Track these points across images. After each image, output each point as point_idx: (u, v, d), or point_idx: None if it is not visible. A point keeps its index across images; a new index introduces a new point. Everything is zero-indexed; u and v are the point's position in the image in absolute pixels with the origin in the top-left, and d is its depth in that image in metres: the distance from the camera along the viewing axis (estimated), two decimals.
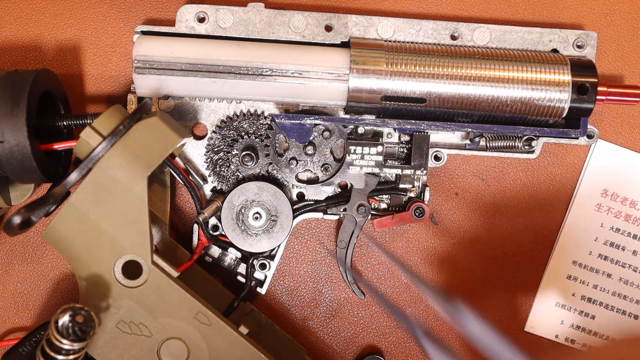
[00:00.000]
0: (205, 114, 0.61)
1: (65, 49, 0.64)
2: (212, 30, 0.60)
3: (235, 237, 0.60)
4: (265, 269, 0.62)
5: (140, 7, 0.64)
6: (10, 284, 0.64)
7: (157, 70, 0.57)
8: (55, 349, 0.47)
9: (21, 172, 0.52)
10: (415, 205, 0.61)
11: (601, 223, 0.66)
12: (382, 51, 0.58)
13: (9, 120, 0.50)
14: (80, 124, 0.56)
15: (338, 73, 0.57)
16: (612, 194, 0.66)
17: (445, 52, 0.58)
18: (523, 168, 0.66)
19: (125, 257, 0.51)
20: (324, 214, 0.62)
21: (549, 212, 0.66)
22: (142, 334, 0.52)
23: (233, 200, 0.59)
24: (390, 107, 0.58)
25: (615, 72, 0.66)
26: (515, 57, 0.59)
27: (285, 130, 0.59)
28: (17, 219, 0.47)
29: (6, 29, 0.63)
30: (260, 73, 0.57)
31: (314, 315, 0.66)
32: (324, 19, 0.61)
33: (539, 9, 0.65)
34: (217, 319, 0.53)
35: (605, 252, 0.66)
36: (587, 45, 0.62)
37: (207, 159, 0.61)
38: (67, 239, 0.51)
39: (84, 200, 0.50)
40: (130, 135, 0.50)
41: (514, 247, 0.66)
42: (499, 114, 0.59)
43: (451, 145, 0.63)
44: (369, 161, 0.61)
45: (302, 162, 0.61)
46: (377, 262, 0.66)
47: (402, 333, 0.66)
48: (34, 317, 0.64)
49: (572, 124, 0.60)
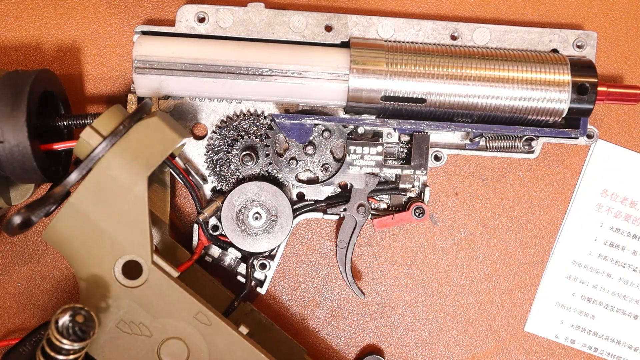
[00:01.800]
0: (205, 114, 0.61)
1: (65, 49, 0.64)
2: (212, 31, 0.60)
3: (235, 237, 0.60)
4: (265, 269, 0.62)
5: (140, 7, 0.64)
6: (10, 284, 0.64)
7: (157, 70, 0.57)
8: (56, 349, 0.47)
9: (21, 172, 0.52)
10: (415, 205, 0.61)
11: (601, 223, 0.66)
12: (382, 51, 0.58)
13: (9, 120, 0.50)
14: (80, 124, 0.56)
15: (338, 73, 0.57)
16: (612, 193, 0.66)
17: (445, 52, 0.58)
18: (523, 168, 0.66)
19: (125, 257, 0.51)
20: (324, 214, 0.62)
21: (549, 212, 0.66)
22: (142, 334, 0.52)
23: (233, 200, 0.59)
24: (390, 107, 0.58)
25: (615, 72, 0.66)
26: (515, 57, 0.59)
27: (285, 130, 0.59)
28: (17, 219, 0.47)
29: (6, 29, 0.63)
30: (260, 73, 0.57)
31: (314, 315, 0.66)
32: (324, 19, 0.61)
33: (539, 9, 0.65)
34: (217, 319, 0.53)
35: (605, 252, 0.66)
36: (587, 45, 0.62)
37: (207, 159, 0.61)
38: (67, 239, 0.51)
39: (84, 200, 0.50)
40: (131, 136, 0.50)
41: (513, 247, 0.66)
42: (498, 114, 0.59)
43: (451, 145, 0.63)
44: (368, 161, 0.61)
45: (302, 162, 0.61)
46: (377, 262, 0.66)
47: (402, 333, 0.66)
48: (34, 317, 0.64)
49: (572, 124, 0.60)
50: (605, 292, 0.66)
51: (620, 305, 0.66)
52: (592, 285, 0.66)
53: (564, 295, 0.66)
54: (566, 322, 0.66)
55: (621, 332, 0.66)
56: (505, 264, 0.66)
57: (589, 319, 0.66)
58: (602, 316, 0.66)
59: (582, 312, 0.66)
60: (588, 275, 0.66)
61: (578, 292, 0.66)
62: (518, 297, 0.66)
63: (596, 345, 0.66)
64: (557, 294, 0.66)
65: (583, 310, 0.66)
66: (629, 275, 0.66)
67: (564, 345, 0.66)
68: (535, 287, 0.66)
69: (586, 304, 0.66)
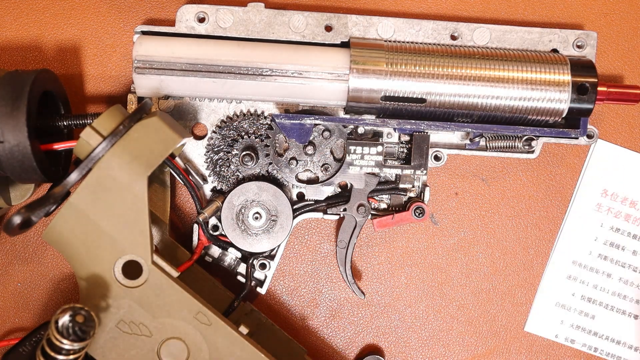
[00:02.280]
0: (205, 113, 0.61)
1: (65, 49, 0.64)
2: (212, 30, 0.60)
3: (235, 237, 0.60)
4: (265, 269, 0.62)
5: (140, 7, 0.64)
6: (10, 284, 0.64)
7: (157, 70, 0.57)
8: (56, 349, 0.47)
9: (21, 172, 0.52)
10: (415, 205, 0.61)
11: (601, 223, 0.66)
12: (382, 51, 0.58)
13: (9, 120, 0.50)
14: (80, 124, 0.56)
15: (338, 73, 0.57)
16: (611, 193, 0.66)
17: (445, 52, 0.58)
18: (523, 168, 0.66)
19: (125, 257, 0.51)
20: (324, 214, 0.62)
21: (548, 212, 0.66)
22: (142, 334, 0.52)
23: (233, 200, 0.59)
24: (390, 107, 0.58)
25: (615, 72, 0.66)
26: (515, 57, 0.59)
27: (285, 130, 0.59)
28: (17, 218, 0.47)
29: (6, 29, 0.63)
30: (260, 73, 0.57)
31: (314, 316, 0.66)
32: (324, 19, 0.61)
33: (539, 9, 0.65)
34: (217, 319, 0.53)
35: (605, 252, 0.66)
36: (587, 45, 0.62)
37: (207, 159, 0.61)
38: (67, 239, 0.51)
39: (84, 200, 0.50)
40: (131, 135, 0.50)
41: (513, 247, 0.66)
42: (498, 114, 0.59)
43: (451, 145, 0.63)
44: (368, 161, 0.61)
45: (302, 162, 0.61)
46: (377, 262, 0.66)
47: (402, 333, 0.66)
48: (34, 317, 0.64)
49: (572, 124, 0.60)
50: (605, 292, 0.66)
51: (620, 305, 0.66)
52: (592, 285, 0.66)
53: (564, 295, 0.66)
54: (566, 322, 0.66)
55: (621, 332, 0.66)
56: (505, 264, 0.66)
57: (589, 319, 0.66)
58: (602, 316, 0.66)
59: (582, 312, 0.66)
60: (588, 275, 0.66)
61: (578, 292, 0.66)
62: (518, 297, 0.66)
63: (596, 345, 0.66)
64: (557, 294, 0.66)
65: (583, 310, 0.66)
66: (629, 275, 0.66)
67: (564, 345, 0.66)
68: (535, 287, 0.66)
69: (586, 304, 0.66)
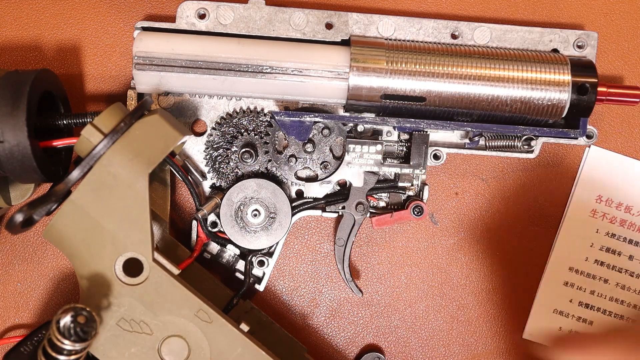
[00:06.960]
0: (205, 110, 0.61)
1: (65, 49, 0.64)
2: (213, 27, 0.60)
3: (233, 233, 0.60)
4: (264, 266, 0.62)
5: (141, 7, 0.64)
6: (11, 283, 0.64)
7: (157, 67, 0.57)
8: (57, 349, 0.47)
9: (21, 172, 0.52)
10: (414, 203, 0.61)
11: (597, 229, 0.66)
12: (383, 49, 0.58)
13: (9, 120, 0.50)
14: (80, 122, 0.56)
15: (338, 71, 0.57)
16: (606, 199, 0.66)
17: (445, 51, 0.58)
18: (523, 168, 0.66)
19: (126, 255, 0.51)
20: (322, 211, 0.62)
21: (547, 212, 0.66)
22: (143, 332, 0.52)
23: (232, 197, 0.59)
24: (390, 105, 0.58)
25: (615, 72, 0.66)
26: (515, 57, 0.59)
27: (284, 127, 0.59)
28: (19, 216, 0.47)
29: (6, 29, 0.63)
30: (260, 70, 0.57)
31: (314, 315, 0.66)
32: (324, 17, 0.61)
33: (540, 9, 0.66)
34: (218, 317, 0.53)
35: (602, 258, 0.66)
36: (588, 45, 0.62)
37: (206, 156, 0.61)
38: (68, 237, 0.51)
39: (85, 198, 0.50)
40: (132, 133, 0.50)
41: (513, 246, 0.66)
42: (498, 114, 0.59)
43: (450, 144, 0.63)
44: (368, 159, 0.61)
45: (301, 160, 0.61)
46: (378, 262, 0.66)
47: (402, 333, 0.66)
48: (35, 316, 0.64)
49: (572, 124, 0.60)
50: (602, 297, 0.66)
51: (617, 310, 0.66)
52: (589, 291, 0.66)
53: (561, 301, 0.66)
54: (564, 329, 0.66)
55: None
56: (504, 266, 0.66)
57: (587, 324, 0.66)
58: (599, 322, 0.66)
59: (580, 318, 0.66)
60: (585, 281, 0.66)
61: (575, 298, 0.66)
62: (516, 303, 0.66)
63: None
64: (555, 301, 0.66)
65: (581, 317, 0.66)
66: (625, 280, 0.66)
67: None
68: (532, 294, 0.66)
69: (584, 310, 0.66)
